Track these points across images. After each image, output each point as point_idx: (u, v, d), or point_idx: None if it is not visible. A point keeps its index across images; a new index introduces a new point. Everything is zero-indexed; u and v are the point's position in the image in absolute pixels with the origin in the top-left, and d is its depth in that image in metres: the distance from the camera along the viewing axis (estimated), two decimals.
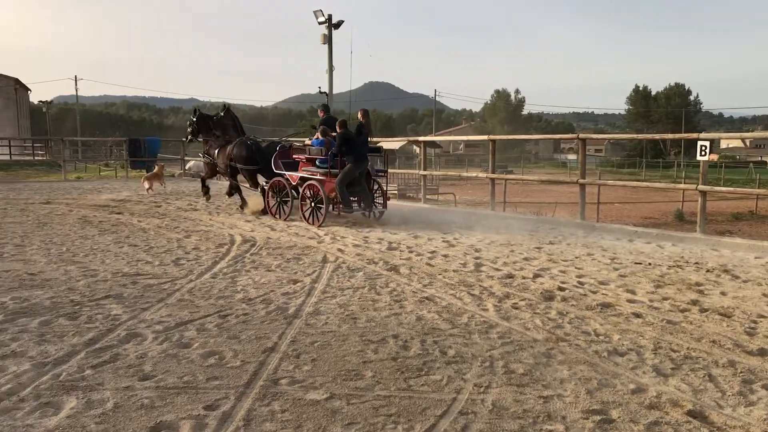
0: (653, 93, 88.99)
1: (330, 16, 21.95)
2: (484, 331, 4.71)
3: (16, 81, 61.85)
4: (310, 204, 10.68)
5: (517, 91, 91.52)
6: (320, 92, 23.20)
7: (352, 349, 4.27)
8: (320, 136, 11.20)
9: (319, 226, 10.35)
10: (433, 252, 7.96)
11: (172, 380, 3.64)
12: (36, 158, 38.08)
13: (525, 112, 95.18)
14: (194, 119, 13.71)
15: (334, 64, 22.32)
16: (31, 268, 6.79)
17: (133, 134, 42.88)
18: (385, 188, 11.50)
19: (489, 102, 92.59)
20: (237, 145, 12.52)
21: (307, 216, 10.73)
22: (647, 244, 8.75)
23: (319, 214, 10.53)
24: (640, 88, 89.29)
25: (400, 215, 11.66)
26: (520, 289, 6.02)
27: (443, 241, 8.83)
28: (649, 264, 7.29)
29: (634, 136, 61.92)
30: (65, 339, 4.36)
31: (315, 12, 21.88)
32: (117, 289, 5.87)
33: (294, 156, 11.77)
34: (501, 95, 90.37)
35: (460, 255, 7.77)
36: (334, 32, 22.03)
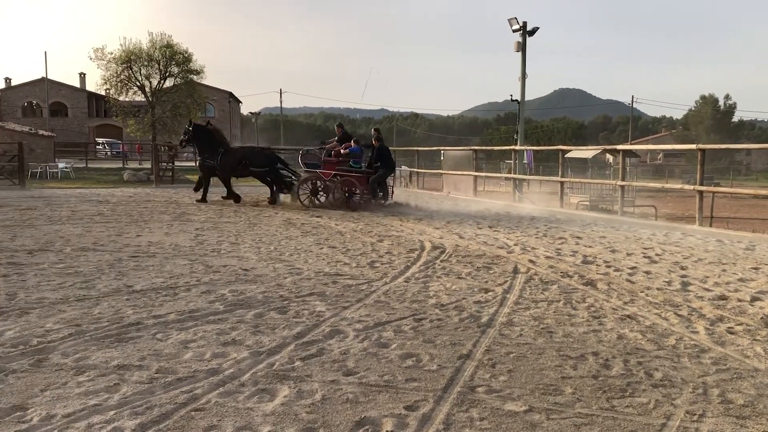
0: None
1: (524, 24, 21.62)
2: (695, 356, 4.34)
3: (230, 94, 68.49)
4: (344, 194, 14.37)
5: (727, 97, 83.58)
6: (512, 100, 22.95)
7: (550, 363, 4.15)
8: (353, 145, 14.83)
9: (355, 210, 13.81)
10: (633, 268, 7.51)
11: (374, 378, 3.78)
12: None
13: (735, 119, 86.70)
14: (190, 129, 15.86)
15: (526, 71, 21.97)
16: (245, 264, 7.43)
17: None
18: (391, 184, 15.52)
19: (693, 108, 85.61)
20: (251, 151, 15.94)
21: (339, 203, 14.31)
22: None
23: (352, 201, 14.24)
24: None
25: (599, 226, 11.16)
26: (736, 313, 5.47)
27: (644, 257, 8.30)
28: None
29: None
30: (276, 331, 4.71)
31: (509, 20, 21.67)
32: (320, 287, 6.24)
33: (326, 159, 14.90)
34: (707, 101, 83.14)
35: (663, 272, 7.25)
36: (528, 39, 21.72)
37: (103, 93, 35.00)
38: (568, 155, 23.58)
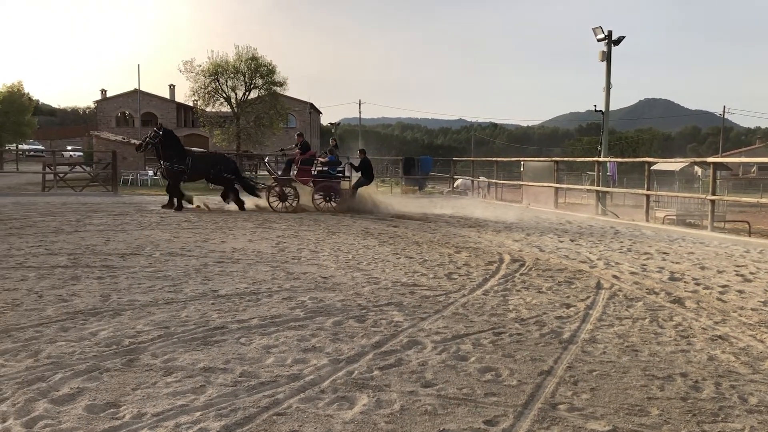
0: None
1: (610, 33, 21.07)
2: None
3: (311, 105, 69.97)
4: (324, 197, 16.03)
5: None
6: (595, 110, 22.40)
7: (635, 382, 4.01)
8: (329, 154, 16.70)
9: (334, 210, 15.73)
10: (725, 286, 7.16)
11: (452, 390, 3.76)
12: None
13: None
14: (160, 133, 15.74)
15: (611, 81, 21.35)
16: (324, 272, 7.55)
17: (406, 153, 45.73)
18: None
19: None
20: (223, 158, 17.01)
21: (322, 206, 15.89)
22: None
23: (333, 203, 15.99)
24: None
25: (687, 241, 10.72)
26: None
27: (737, 275, 7.90)
28: None
29: None
30: (355, 340, 4.76)
31: (594, 29, 21.16)
32: (397, 297, 6.26)
33: (300, 166, 16.16)
34: None
35: (758, 292, 6.88)
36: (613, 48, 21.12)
37: (191, 104, 36.44)
38: (654, 167, 22.78)
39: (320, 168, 16.42)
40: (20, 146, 49.14)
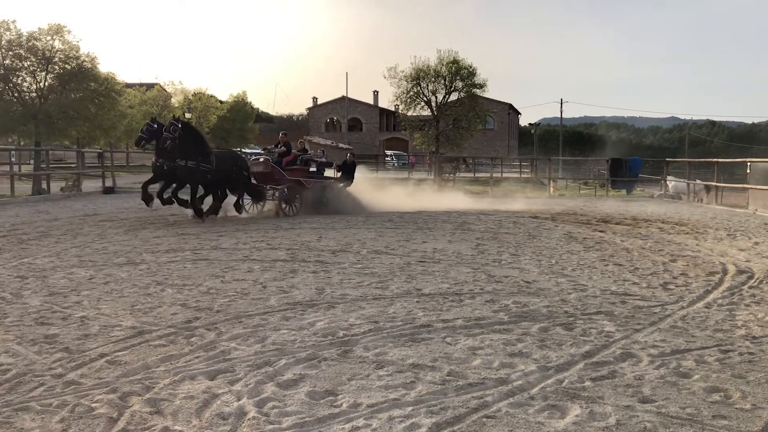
0: None
1: None
2: None
3: (510, 106, 69.32)
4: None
5: None
6: None
7: None
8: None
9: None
10: None
11: (674, 409, 3.47)
12: (522, 176, 41.90)
13: None
14: (179, 126, 12.99)
15: None
16: (526, 277, 7.40)
17: (610, 154, 43.45)
18: None
19: None
20: (238, 157, 15.20)
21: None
22: None
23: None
24: None
25: None
26: None
27: None
28: None
29: None
30: (563, 348, 4.59)
31: None
32: (607, 306, 5.94)
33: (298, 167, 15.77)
34: None
35: None
36: None
37: (393, 109, 37.87)
38: None
39: (314, 168, 16.35)
40: (244, 150, 54.53)
